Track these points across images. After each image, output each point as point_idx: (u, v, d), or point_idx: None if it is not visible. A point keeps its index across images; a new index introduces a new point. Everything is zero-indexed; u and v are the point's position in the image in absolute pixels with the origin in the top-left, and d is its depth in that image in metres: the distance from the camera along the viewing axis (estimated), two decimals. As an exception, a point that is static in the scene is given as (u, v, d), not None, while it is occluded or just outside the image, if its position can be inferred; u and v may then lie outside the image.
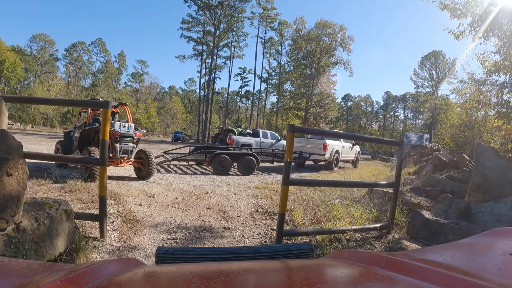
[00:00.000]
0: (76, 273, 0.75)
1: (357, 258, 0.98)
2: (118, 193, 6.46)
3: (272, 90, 69.10)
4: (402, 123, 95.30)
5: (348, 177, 13.05)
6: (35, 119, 52.21)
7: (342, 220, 5.04)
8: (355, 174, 14.56)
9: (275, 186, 8.93)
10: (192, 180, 9.06)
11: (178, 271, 0.92)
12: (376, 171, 17.38)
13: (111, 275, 0.82)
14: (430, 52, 76.81)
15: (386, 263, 0.87)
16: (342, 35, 51.90)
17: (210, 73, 53.53)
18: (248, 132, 18.66)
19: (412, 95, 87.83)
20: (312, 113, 52.47)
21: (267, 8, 56.50)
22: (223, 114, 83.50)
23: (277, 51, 63.76)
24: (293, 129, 4.05)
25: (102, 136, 3.74)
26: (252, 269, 0.97)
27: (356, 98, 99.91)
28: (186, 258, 1.25)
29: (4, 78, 57.51)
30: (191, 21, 53.04)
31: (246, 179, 10.21)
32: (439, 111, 68.78)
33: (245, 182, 9.55)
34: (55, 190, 6.26)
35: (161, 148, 23.80)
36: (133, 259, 1.11)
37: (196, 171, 11.21)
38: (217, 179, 9.55)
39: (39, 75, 65.14)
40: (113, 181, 7.77)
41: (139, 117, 71.09)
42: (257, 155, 11.31)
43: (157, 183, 8.14)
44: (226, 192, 7.61)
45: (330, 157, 15.23)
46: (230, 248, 1.57)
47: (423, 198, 6.10)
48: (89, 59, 74.25)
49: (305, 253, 1.34)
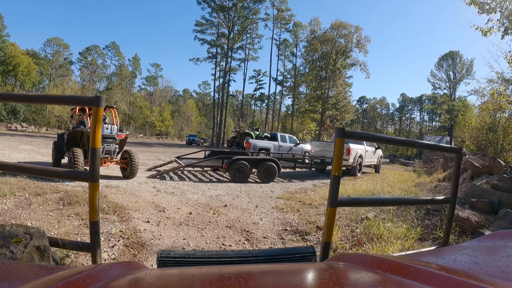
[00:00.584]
0: (77, 276, 0.76)
1: (359, 261, 0.98)
2: (123, 206, 5.60)
3: (287, 92, 68.24)
4: (418, 126, 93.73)
5: (376, 184, 11.99)
6: (50, 121, 52.44)
7: (387, 241, 4.10)
8: (380, 181, 13.49)
9: (300, 196, 8.00)
10: (208, 189, 8.16)
11: (180, 275, 0.91)
12: (401, 177, 16.26)
13: (113, 278, 0.81)
14: (447, 53, 75.39)
15: (388, 266, 0.86)
16: (358, 36, 50.95)
17: (225, 75, 52.75)
18: (266, 136, 17.71)
19: (428, 96, 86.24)
20: (328, 116, 51.46)
21: (281, 9, 55.57)
22: (237, 117, 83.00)
23: (292, 53, 62.88)
24: (343, 133, 3.04)
25: (92, 143, 2.53)
26: (254, 272, 0.93)
27: (371, 100, 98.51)
28: (187, 261, 1.22)
29: (19, 82, 58.14)
30: (205, 23, 52.50)
31: (266, 187, 9.28)
32: (456, 113, 67.08)
33: (266, 191, 8.62)
34: (53, 202, 5.46)
35: (175, 152, 23.11)
36: (134, 262, 1.09)
37: (212, 178, 10.33)
38: (236, 188, 8.64)
39: (54, 78, 65.72)
40: (119, 190, 6.94)
41: (153, 120, 71.04)
42: (278, 161, 10.34)
43: (169, 192, 7.26)
44: (246, 204, 6.69)
45: (353, 162, 14.18)
46: (232, 252, 1.47)
47: (471, 212, 5.11)
48: (103, 62, 74.81)
49: (307, 257, 1.31)
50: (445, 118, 75.00)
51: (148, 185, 7.95)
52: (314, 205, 6.99)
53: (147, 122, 71.28)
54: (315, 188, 9.73)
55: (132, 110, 71.02)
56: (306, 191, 9.09)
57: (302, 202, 7.25)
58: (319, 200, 7.39)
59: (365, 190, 9.49)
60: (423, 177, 15.10)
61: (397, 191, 9.31)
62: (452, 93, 75.13)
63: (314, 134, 56.06)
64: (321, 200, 7.40)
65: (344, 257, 1.11)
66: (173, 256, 1.25)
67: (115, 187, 7.38)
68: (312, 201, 7.37)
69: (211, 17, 52.14)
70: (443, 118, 76.73)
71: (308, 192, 8.81)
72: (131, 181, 8.42)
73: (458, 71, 73.42)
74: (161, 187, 7.79)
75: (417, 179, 14.32)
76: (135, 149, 24.48)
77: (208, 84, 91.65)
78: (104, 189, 6.96)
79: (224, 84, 53.45)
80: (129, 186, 7.68)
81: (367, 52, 51.56)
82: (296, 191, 8.83)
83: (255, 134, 17.29)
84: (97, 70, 73.55)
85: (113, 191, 6.90)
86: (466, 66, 72.58)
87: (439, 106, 77.95)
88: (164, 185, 8.09)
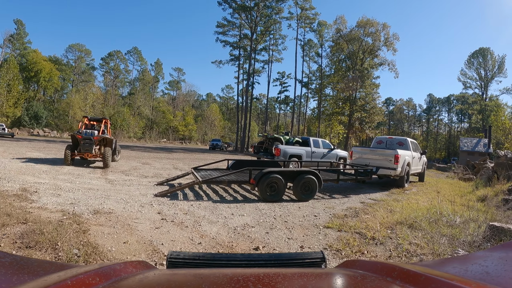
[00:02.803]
0: (87, 274, 0.75)
1: (368, 268, 0.97)
2: (103, 252, 3.71)
3: (312, 94, 65.80)
4: (447, 127, 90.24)
5: (433, 199, 9.68)
6: (72, 127, 52.22)
7: None
8: (434, 193, 11.17)
9: (353, 223, 5.90)
10: (231, 214, 6.11)
11: (189, 276, 0.92)
12: (452, 187, 13.90)
13: (122, 277, 0.81)
14: (477, 50, 71.44)
15: (398, 274, 0.86)
16: (386, 34, 48.25)
17: (248, 78, 50.76)
18: (297, 141, 15.53)
19: (457, 97, 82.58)
20: (357, 118, 48.76)
21: (305, 8, 53.03)
22: (261, 121, 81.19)
23: (317, 53, 60.31)
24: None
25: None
26: (263, 276, 0.88)
27: (397, 101, 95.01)
28: (197, 263, 1.16)
29: (41, 87, 58.58)
30: (227, 24, 50.81)
31: (306, 208, 7.18)
32: (489, 113, 63.30)
33: (307, 214, 6.51)
34: (9, 241, 3.77)
35: (195, 158, 21.24)
36: (144, 262, 1.07)
37: (237, 194, 8.30)
38: (268, 211, 6.57)
39: (76, 84, 65.96)
40: (110, 219, 5.03)
41: (176, 124, 70.26)
42: (319, 173, 8.19)
43: (177, 222, 5.24)
44: (286, 242, 4.61)
45: (401, 171, 11.86)
46: (241, 255, 1.29)
47: None
48: (125, 67, 74.66)
49: (316, 262, 1.24)
50: (477, 118, 70.87)
51: (152, 209, 6.01)
52: (378, 238, 4.92)
53: (170, 126, 70.54)
54: (366, 208, 7.59)
55: (155, 115, 70.51)
56: (357, 213, 6.95)
57: (361, 233, 5.17)
58: (382, 231, 5.31)
59: (427, 208, 7.38)
60: (481, 188, 12.63)
61: (462, 210, 6.92)
62: (483, 92, 71.29)
63: (342, 137, 53.45)
64: (384, 230, 5.35)
65: (355, 264, 1.09)
66: (183, 258, 1.17)
67: (107, 213, 5.48)
68: (373, 231, 5.27)
69: (232, 18, 50.45)
70: (474, 119, 72.46)
71: (361, 215, 6.67)
72: (132, 201, 6.51)
73: (489, 68, 69.51)
74: (169, 212, 5.84)
75: (477, 191, 11.92)
76: (154, 154, 23.03)
77: (232, 88, 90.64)
78: (91, 218, 5.08)
79: (248, 87, 51.49)
80: (127, 211, 5.76)
81: (396, 50, 48.65)
82: (346, 215, 6.70)
83: (285, 139, 15.18)
84: (120, 75, 73.56)
85: (102, 220, 4.99)
86: (497, 63, 68.42)
87: (470, 106, 73.72)
88: (174, 209, 6.13)
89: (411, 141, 13.84)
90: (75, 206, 5.83)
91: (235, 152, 42.52)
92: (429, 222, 5.90)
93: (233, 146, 55.02)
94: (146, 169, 12.66)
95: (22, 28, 58.65)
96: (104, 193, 7.15)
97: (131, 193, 7.40)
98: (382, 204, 8.27)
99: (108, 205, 6.08)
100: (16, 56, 56.38)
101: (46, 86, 58.17)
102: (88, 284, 0.71)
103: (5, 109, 47.55)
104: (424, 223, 5.76)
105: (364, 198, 9.32)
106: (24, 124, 50.51)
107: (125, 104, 67.19)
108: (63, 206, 5.78)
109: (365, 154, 12.62)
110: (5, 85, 48.14)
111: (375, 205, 8.13)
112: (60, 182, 8.29)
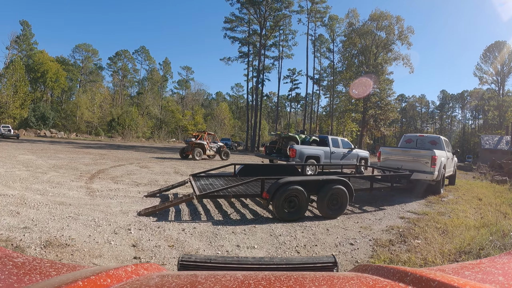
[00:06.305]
0: (98, 275, 0.75)
1: (381, 273, 0.96)
2: None
3: (324, 91, 63.80)
4: (460, 124, 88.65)
5: (477, 211, 7.87)
6: (79, 127, 51.37)
7: None
8: (475, 202, 9.40)
9: (406, 255, 4.27)
10: (236, 245, 4.39)
11: (199, 278, 0.88)
12: (489, 191, 12.12)
13: (133, 279, 0.81)
14: (493, 43, 68.94)
15: (411, 279, 0.84)
16: (400, 27, 46.16)
17: (258, 75, 48.99)
18: (314, 140, 13.75)
19: (471, 92, 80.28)
20: (371, 115, 46.70)
21: (315, 1, 50.96)
22: (271, 120, 79.46)
23: (328, 49, 58.37)
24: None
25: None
26: (274, 280, 0.87)
27: (410, 98, 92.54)
28: (208, 266, 1.19)
29: (48, 88, 57.90)
30: (235, 20, 49.13)
31: (336, 229, 5.46)
32: (506, 109, 60.82)
33: (340, 241, 4.80)
34: None
35: (201, 161, 19.54)
36: (154, 264, 1.06)
37: (245, 210, 6.63)
38: (286, 237, 4.85)
39: (84, 84, 65.26)
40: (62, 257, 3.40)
41: (186, 124, 69.17)
42: (350, 181, 6.43)
43: (157, 261, 3.60)
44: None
45: (438, 175, 10.02)
46: (253, 258, 1.32)
47: None
48: (133, 67, 73.69)
49: (328, 267, 1.26)
50: (493, 115, 68.20)
51: (127, 238, 4.35)
52: None
53: (179, 126, 69.41)
54: (410, 227, 5.87)
55: (164, 114, 69.52)
56: (403, 236, 5.23)
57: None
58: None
59: (482, 225, 5.89)
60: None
61: None
62: (500, 87, 68.82)
63: (356, 135, 51.46)
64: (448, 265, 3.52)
65: (367, 268, 1.07)
66: (194, 261, 1.20)
67: (62, 245, 3.87)
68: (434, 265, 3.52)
69: (241, 13, 48.76)
70: (491, 115, 69.78)
71: (410, 241, 4.97)
72: (105, 224, 4.86)
73: (506, 63, 66.80)
74: (149, 244, 4.18)
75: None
76: (158, 155, 21.47)
77: (241, 86, 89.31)
78: (37, 254, 3.47)
79: (258, 84, 49.76)
80: (91, 241, 4.12)
81: (410, 44, 46.48)
82: (391, 240, 4.97)
83: (300, 138, 13.43)
84: (128, 75, 72.66)
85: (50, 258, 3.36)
86: (515, 57, 65.76)
87: (486, 102, 70.87)
88: (158, 237, 4.47)
89: (444, 139, 11.93)
90: (26, 233, 4.27)
91: (245, 152, 40.84)
92: (496, 247, 4.40)
93: (243, 145, 53.43)
94: (141, 174, 11.06)
95: (28, 29, 58.04)
96: (75, 210, 5.56)
97: (110, 210, 5.78)
98: (428, 220, 6.54)
99: (71, 230, 4.48)
100: (23, 57, 55.90)
101: (53, 86, 57.58)
102: (100, 285, 0.71)
103: (11, 110, 46.78)
104: (492, 250, 4.28)
105: (401, 210, 7.56)
106: (31, 125, 49.80)
107: (133, 104, 66.25)
108: (11, 232, 4.25)
109: (395, 155, 10.81)
110: (12, 86, 47.42)
111: (419, 221, 6.39)
112: (31, 193, 6.74)
